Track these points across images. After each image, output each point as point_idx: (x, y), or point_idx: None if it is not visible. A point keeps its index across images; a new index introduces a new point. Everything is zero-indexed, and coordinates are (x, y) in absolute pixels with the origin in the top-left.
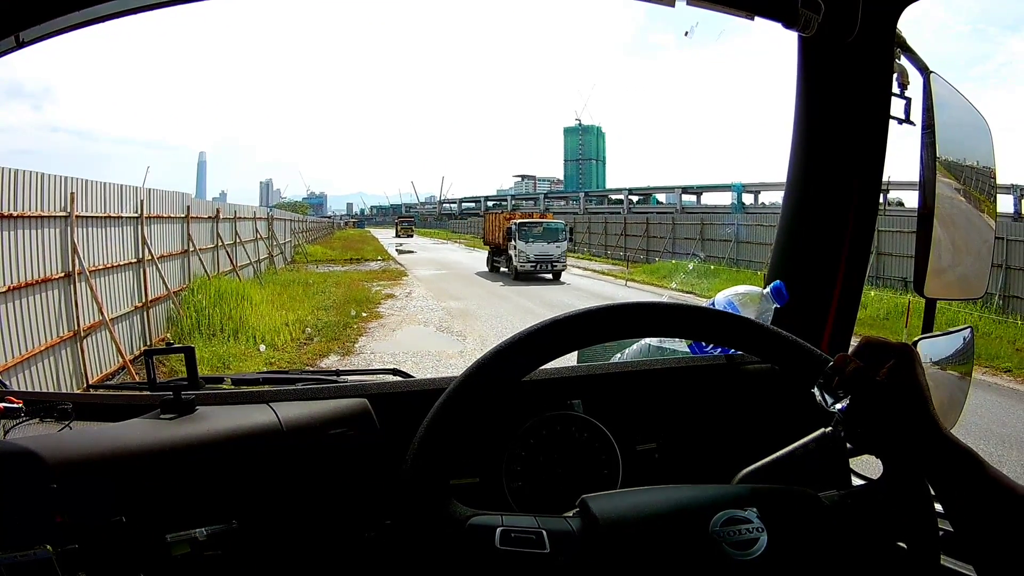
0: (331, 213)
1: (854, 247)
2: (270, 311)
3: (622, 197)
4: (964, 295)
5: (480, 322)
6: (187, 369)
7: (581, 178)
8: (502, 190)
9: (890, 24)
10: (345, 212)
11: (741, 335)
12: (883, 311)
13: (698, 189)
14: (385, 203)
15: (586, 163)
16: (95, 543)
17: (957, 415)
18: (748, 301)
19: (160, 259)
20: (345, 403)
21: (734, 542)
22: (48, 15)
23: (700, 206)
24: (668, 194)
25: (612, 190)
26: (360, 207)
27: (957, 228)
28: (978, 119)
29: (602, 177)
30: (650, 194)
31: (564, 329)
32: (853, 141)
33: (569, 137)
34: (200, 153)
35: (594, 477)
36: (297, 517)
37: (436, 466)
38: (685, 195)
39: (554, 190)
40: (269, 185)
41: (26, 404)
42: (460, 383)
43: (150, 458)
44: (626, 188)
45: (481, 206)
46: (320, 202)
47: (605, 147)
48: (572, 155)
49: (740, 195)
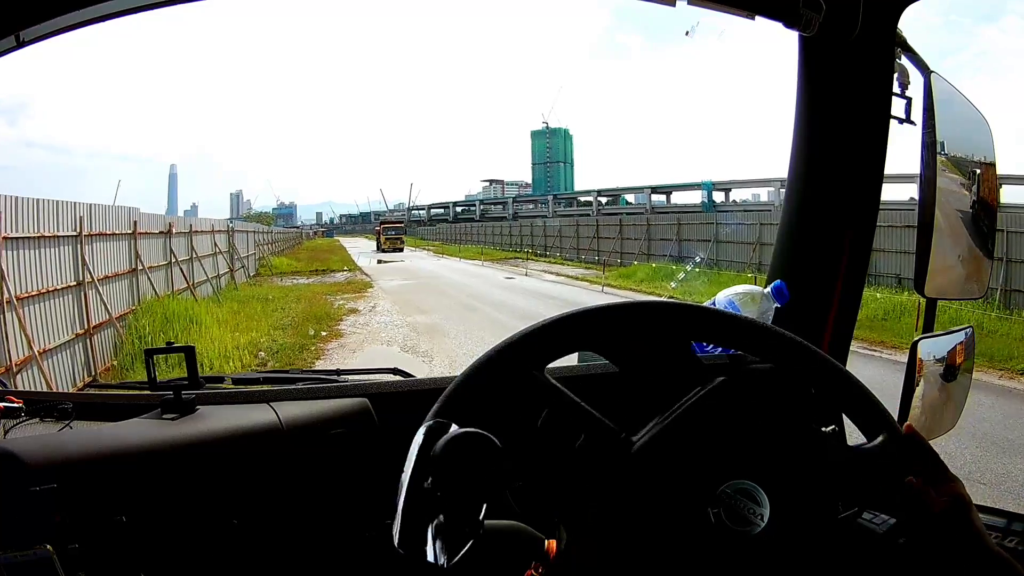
0: (300, 223)
1: (855, 247)
2: (221, 334)
3: (591, 199)
4: (965, 295)
5: (449, 339)
6: (187, 369)
7: (549, 181)
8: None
9: (891, 24)
10: (315, 221)
11: (741, 335)
12: (880, 311)
13: (667, 188)
14: (355, 211)
15: (554, 166)
16: (95, 543)
17: (958, 414)
18: (749, 301)
19: (103, 280)
20: (345, 403)
21: (737, 516)
22: (48, 15)
23: (671, 205)
24: (637, 194)
25: (581, 192)
26: (330, 216)
27: (958, 228)
28: (979, 118)
29: (570, 180)
30: (619, 195)
31: (564, 329)
32: (854, 141)
33: (536, 140)
34: (171, 166)
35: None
36: (297, 516)
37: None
38: (655, 195)
39: (522, 194)
40: (239, 196)
41: (26, 404)
42: (460, 383)
43: (150, 458)
44: (595, 190)
45: (450, 212)
46: (290, 212)
47: (573, 149)
48: (540, 158)
49: (710, 193)
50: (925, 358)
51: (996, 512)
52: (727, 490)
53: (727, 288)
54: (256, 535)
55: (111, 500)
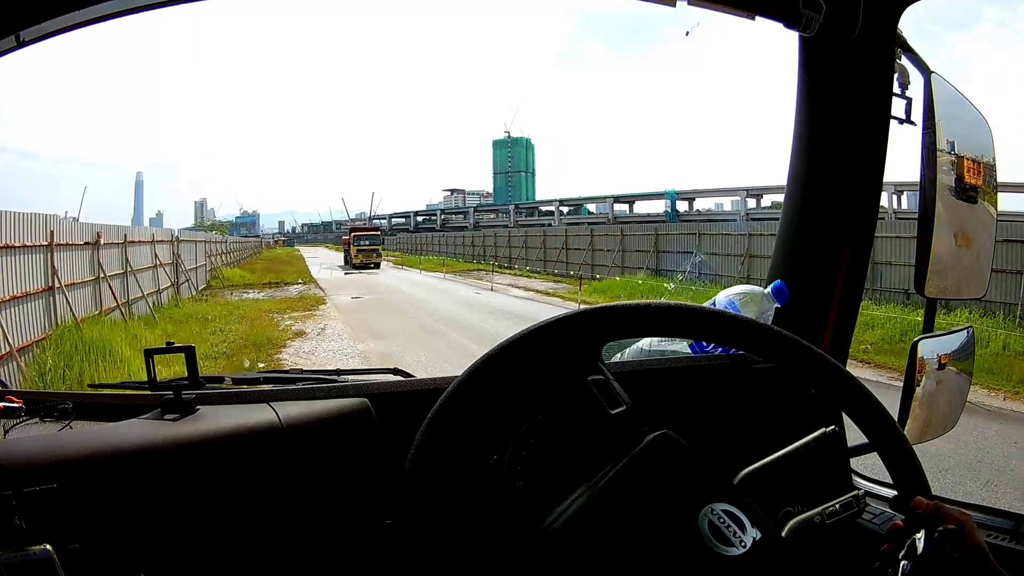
0: (261, 232)
1: (855, 247)
2: (143, 367)
3: (553, 208)
4: (965, 295)
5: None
6: (187, 368)
7: (511, 191)
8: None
9: (891, 24)
10: (277, 230)
11: (742, 335)
12: (897, 331)
13: (630, 198)
14: (317, 220)
15: (515, 175)
16: (95, 543)
17: (958, 414)
18: (749, 301)
19: (7, 303)
20: (345, 402)
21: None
22: (48, 15)
23: (633, 215)
24: (599, 204)
25: (542, 201)
26: (292, 225)
27: (958, 228)
28: (979, 119)
29: (532, 189)
30: (581, 205)
31: (564, 329)
32: (854, 141)
33: (498, 150)
34: (138, 173)
35: (595, 476)
36: (297, 516)
37: (435, 469)
38: (617, 204)
39: (484, 203)
40: (203, 204)
41: (26, 403)
42: (460, 383)
43: (150, 458)
44: (557, 199)
45: (411, 222)
46: (253, 220)
47: (534, 159)
48: (501, 167)
49: (674, 203)
50: (925, 358)
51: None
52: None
53: (727, 288)
54: (256, 535)
55: (111, 500)
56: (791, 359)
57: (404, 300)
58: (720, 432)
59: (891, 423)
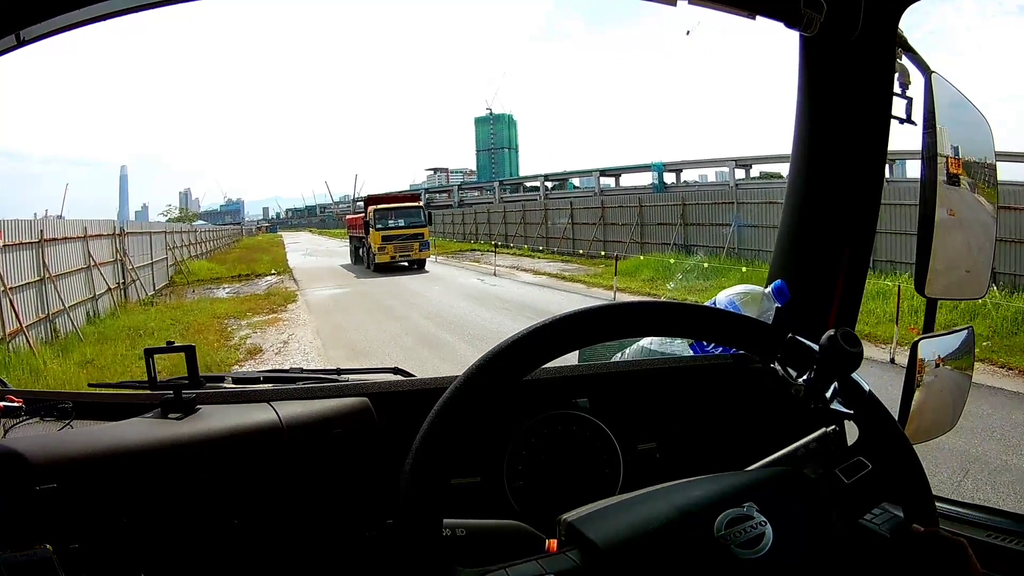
0: (244, 219)
1: (855, 246)
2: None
3: (538, 184)
4: (965, 295)
5: None
6: (188, 368)
7: (494, 167)
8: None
9: (891, 24)
10: (262, 217)
11: (701, 325)
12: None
13: (616, 171)
14: (301, 205)
15: (499, 152)
16: (95, 543)
17: (958, 414)
18: (750, 300)
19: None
20: (346, 402)
21: (742, 542)
22: (48, 14)
23: (619, 188)
24: (584, 178)
25: (527, 177)
26: (276, 211)
27: (958, 228)
28: (979, 119)
29: (515, 165)
30: (566, 179)
31: (563, 329)
32: (854, 141)
33: (480, 127)
34: (122, 167)
35: (595, 476)
36: (298, 516)
37: (435, 472)
38: (603, 178)
39: (467, 181)
40: (188, 195)
41: (26, 403)
42: (460, 383)
43: (151, 457)
44: (542, 175)
45: None
46: (237, 208)
47: (517, 135)
48: (484, 145)
49: (661, 175)
50: (925, 358)
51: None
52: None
53: (727, 288)
54: (256, 535)
55: (111, 500)
56: (751, 341)
57: (392, 293)
58: (720, 432)
59: (892, 424)
